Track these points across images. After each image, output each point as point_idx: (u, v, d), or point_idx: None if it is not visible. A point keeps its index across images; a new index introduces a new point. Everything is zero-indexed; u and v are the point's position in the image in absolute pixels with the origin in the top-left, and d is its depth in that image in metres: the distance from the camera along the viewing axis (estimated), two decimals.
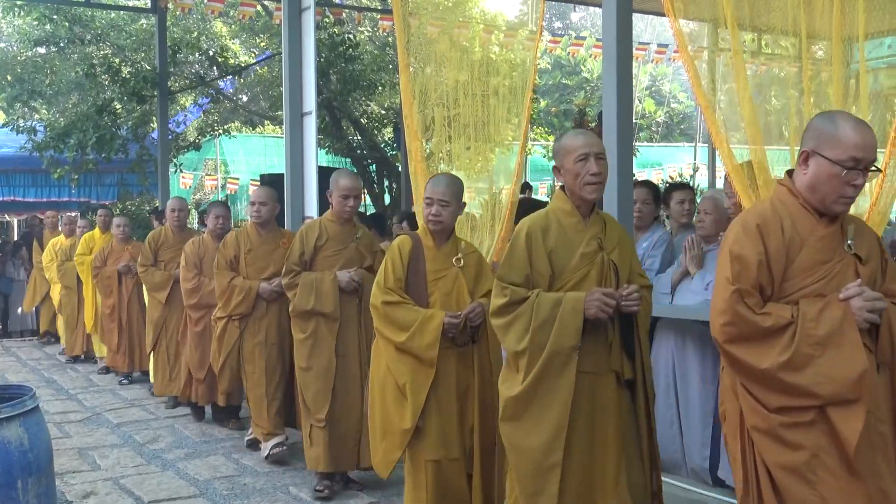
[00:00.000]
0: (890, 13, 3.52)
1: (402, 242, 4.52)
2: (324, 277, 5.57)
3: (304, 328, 5.61)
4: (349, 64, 12.73)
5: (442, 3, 6.66)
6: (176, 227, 8.28)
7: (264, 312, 6.42)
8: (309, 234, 5.69)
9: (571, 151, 3.59)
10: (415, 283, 4.44)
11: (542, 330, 3.46)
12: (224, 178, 19.50)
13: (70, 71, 16.59)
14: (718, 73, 4.35)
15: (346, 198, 5.63)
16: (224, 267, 6.51)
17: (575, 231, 3.62)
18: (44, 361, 11.36)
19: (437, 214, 4.43)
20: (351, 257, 5.69)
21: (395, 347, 4.37)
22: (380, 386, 4.46)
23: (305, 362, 5.60)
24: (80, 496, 5.56)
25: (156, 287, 8.13)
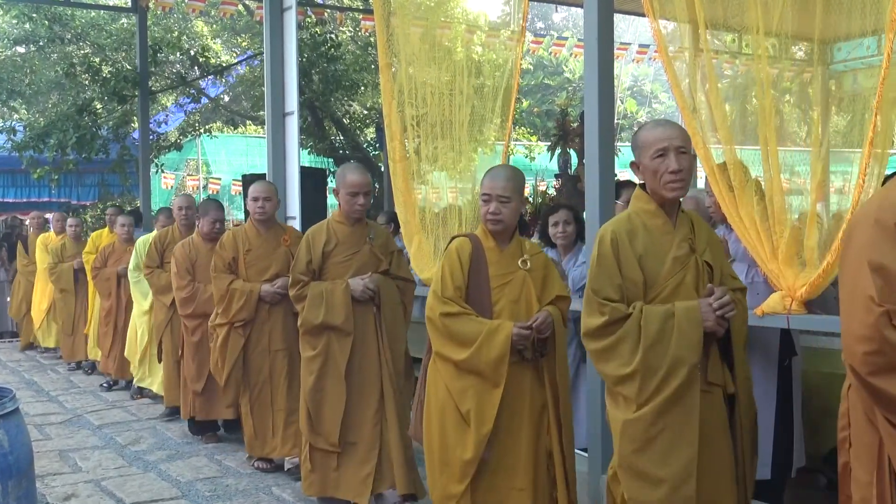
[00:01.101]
0: (868, 14, 3.55)
1: (461, 245, 3.96)
2: (335, 287, 4.99)
3: (314, 344, 5.04)
4: (331, 64, 12.73)
5: (424, 2, 6.65)
6: (184, 226, 7.69)
7: (267, 316, 5.95)
8: (316, 238, 5.12)
9: (648, 146, 3.26)
10: (477, 290, 3.90)
11: (656, 349, 3.08)
12: (206, 178, 19.44)
13: (50, 70, 16.52)
14: (698, 74, 4.37)
15: (355, 195, 5.06)
16: (222, 270, 6.00)
17: (663, 233, 3.28)
18: (24, 363, 11.27)
19: (496, 213, 3.89)
20: (365, 262, 5.10)
21: (456, 366, 3.82)
22: (438, 412, 3.89)
23: (314, 382, 5.02)
24: (60, 498, 5.53)
25: (162, 290, 7.57)
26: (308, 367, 5.06)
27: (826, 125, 4.53)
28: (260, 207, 6.01)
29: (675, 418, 3.08)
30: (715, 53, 4.22)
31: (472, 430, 3.74)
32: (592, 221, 4.88)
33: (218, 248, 6.12)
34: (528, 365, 3.84)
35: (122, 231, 9.29)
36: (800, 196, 4.04)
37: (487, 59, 6.36)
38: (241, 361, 5.95)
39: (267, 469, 6.02)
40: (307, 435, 5.11)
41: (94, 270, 9.31)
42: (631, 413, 3.12)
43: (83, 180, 15.69)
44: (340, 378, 4.99)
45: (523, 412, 3.82)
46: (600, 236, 3.30)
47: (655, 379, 3.07)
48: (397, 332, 5.12)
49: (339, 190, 5.09)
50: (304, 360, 5.11)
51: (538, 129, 22.19)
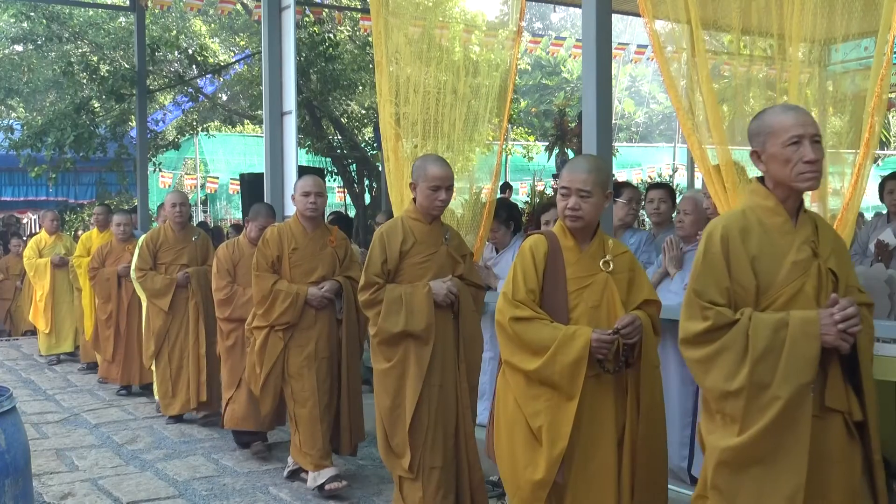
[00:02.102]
0: (866, 15, 3.56)
1: (536, 244, 3.58)
2: (415, 290, 4.51)
3: (391, 355, 4.56)
4: (329, 63, 12.72)
5: (422, 2, 6.65)
6: (177, 224, 7.40)
7: (313, 321, 5.53)
8: (391, 237, 4.61)
9: (780, 132, 2.87)
10: (552, 293, 3.51)
11: (765, 363, 2.75)
12: (203, 177, 19.44)
13: (48, 69, 16.53)
14: (694, 74, 4.37)
15: (437, 189, 4.55)
16: (265, 269, 5.56)
17: (782, 234, 2.92)
18: (21, 362, 11.26)
19: (575, 208, 3.51)
20: (443, 264, 4.64)
21: (527, 377, 3.45)
22: (507, 428, 3.54)
23: (391, 398, 4.54)
24: (57, 497, 5.52)
25: (156, 294, 7.26)
26: (383, 382, 4.58)
27: (823, 126, 4.53)
28: (312, 203, 5.58)
29: (780, 444, 2.73)
30: (713, 54, 4.22)
31: (544, 449, 3.38)
32: None
33: (261, 245, 5.65)
34: (611, 377, 3.44)
35: (119, 230, 8.94)
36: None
37: (486, 58, 6.36)
38: (280, 367, 5.54)
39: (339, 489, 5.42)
40: (384, 457, 4.65)
41: (92, 271, 8.96)
42: (732, 434, 2.79)
43: (81, 179, 15.69)
44: (421, 391, 4.50)
45: (604, 430, 3.43)
46: (709, 232, 2.95)
47: (763, 397, 2.73)
48: (476, 343, 4.73)
49: (418, 183, 4.58)
50: (378, 372, 4.61)
51: (536, 128, 22.21)
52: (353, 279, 5.48)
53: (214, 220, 19.47)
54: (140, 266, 7.35)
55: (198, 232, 7.66)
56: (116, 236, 8.98)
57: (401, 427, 4.51)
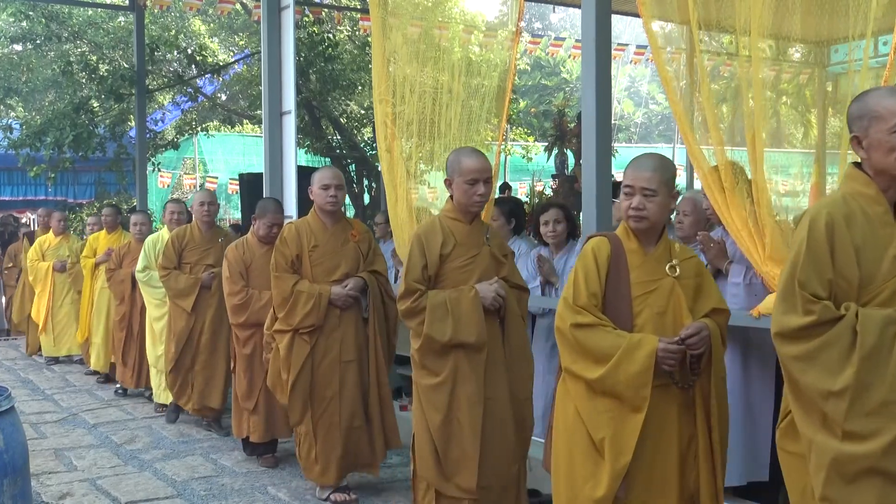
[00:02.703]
0: (866, 16, 3.56)
1: (598, 246, 3.38)
2: (461, 295, 4.18)
3: (439, 368, 4.20)
4: (328, 63, 12.73)
5: (421, 2, 6.65)
6: (205, 223, 7.12)
7: (337, 323, 5.21)
8: (430, 239, 4.28)
9: (886, 117, 2.66)
10: (615, 299, 3.33)
11: (873, 363, 2.54)
12: (203, 177, 19.44)
13: (47, 68, 16.54)
14: (694, 75, 4.38)
15: (475, 183, 4.22)
16: (284, 269, 5.23)
17: (882, 225, 2.70)
18: (20, 361, 11.26)
19: (639, 207, 3.32)
20: (486, 266, 4.31)
21: (589, 386, 3.27)
22: (566, 440, 3.35)
23: (444, 414, 4.17)
24: (56, 497, 5.52)
25: (180, 293, 6.96)
26: (432, 398, 4.22)
27: (823, 127, 4.55)
28: (332, 196, 5.25)
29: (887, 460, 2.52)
30: (712, 55, 4.23)
31: (607, 463, 3.18)
32: (589, 221, 4.89)
33: (279, 245, 5.31)
34: (677, 389, 3.28)
35: (136, 230, 8.63)
36: (795, 197, 4.05)
37: (485, 59, 6.36)
38: (308, 373, 5.20)
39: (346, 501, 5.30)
40: (433, 479, 4.24)
41: (109, 272, 8.73)
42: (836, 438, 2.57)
43: (80, 179, 15.69)
44: (475, 407, 4.16)
45: (669, 444, 3.25)
46: (812, 218, 2.69)
47: (870, 401, 2.54)
48: (523, 350, 4.41)
49: (453, 179, 4.26)
50: (426, 388, 4.25)
51: (535, 129, 22.22)
52: (380, 274, 5.30)
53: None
54: (164, 265, 7.06)
55: (224, 233, 7.43)
56: (135, 236, 8.64)
57: (456, 443, 4.18)
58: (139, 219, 8.71)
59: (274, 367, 5.32)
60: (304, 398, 5.20)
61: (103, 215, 9.80)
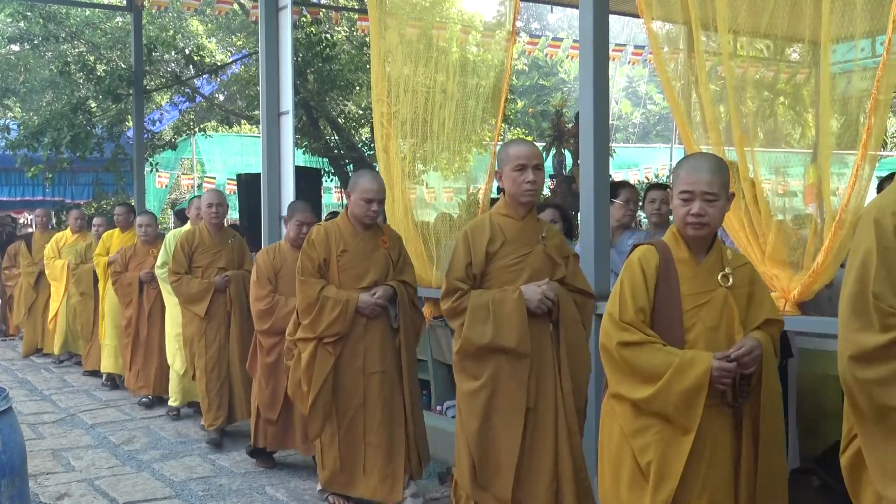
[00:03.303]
0: (864, 16, 3.57)
1: (646, 256, 3.15)
2: (504, 296, 3.92)
3: (478, 372, 3.95)
4: (326, 63, 12.73)
5: (419, 3, 6.66)
6: (214, 225, 6.87)
7: (362, 332, 4.92)
8: (476, 235, 4.02)
9: None
10: (665, 313, 3.09)
11: None
12: (200, 177, 19.44)
13: (44, 69, 16.55)
14: (692, 75, 4.38)
15: (523, 169, 3.95)
16: (311, 273, 4.95)
17: None
18: (17, 362, 11.25)
19: (699, 214, 3.06)
20: (539, 266, 4.02)
21: (635, 407, 3.06)
22: (611, 463, 3.15)
23: (481, 420, 3.94)
24: (54, 498, 5.52)
25: (192, 298, 6.71)
26: (470, 404, 3.99)
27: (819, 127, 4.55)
28: (373, 212, 4.98)
29: None
30: (711, 55, 4.23)
31: (652, 488, 3.00)
32: (587, 222, 4.90)
33: (306, 247, 5.04)
34: (728, 409, 3.06)
35: (142, 232, 8.36)
36: (793, 197, 4.06)
37: (482, 59, 6.36)
38: (330, 385, 4.92)
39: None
40: (469, 489, 4.04)
41: (115, 275, 8.45)
42: None
43: (77, 179, 15.66)
44: (514, 415, 3.91)
45: (721, 468, 3.04)
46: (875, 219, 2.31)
47: None
48: (581, 358, 4.07)
49: (502, 170, 4.02)
50: (464, 394, 4.03)
51: (533, 129, 22.24)
52: (409, 284, 5.05)
53: None
54: (175, 269, 6.80)
55: (233, 234, 7.12)
56: (140, 238, 8.43)
57: (492, 452, 3.95)
58: (144, 220, 8.47)
59: (295, 375, 5.08)
60: (326, 411, 4.93)
61: (115, 214, 9.55)
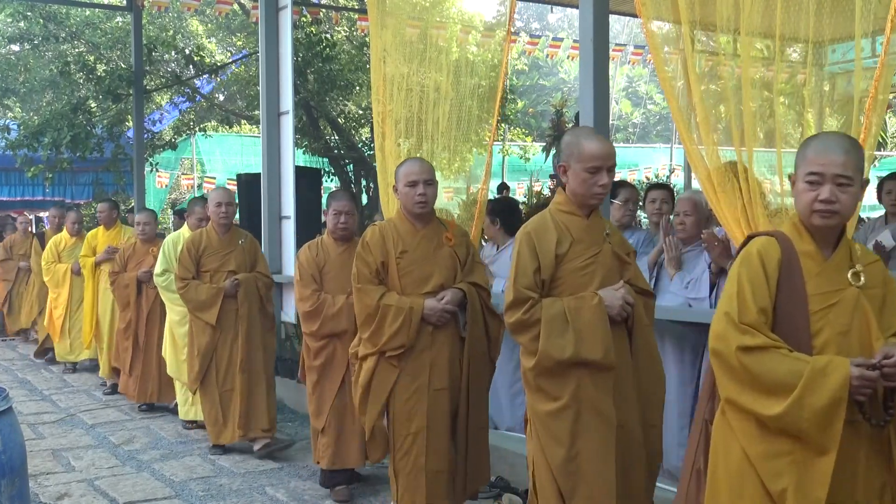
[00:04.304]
0: (863, 15, 3.57)
1: (766, 249, 2.76)
2: (581, 304, 3.50)
3: (558, 391, 3.48)
4: (326, 63, 12.73)
5: (419, 2, 6.66)
6: (222, 226, 6.42)
7: (429, 343, 4.35)
8: (542, 236, 3.58)
9: None
10: (789, 315, 2.71)
11: None
12: (200, 177, 19.44)
13: (44, 69, 16.56)
14: (690, 75, 4.39)
15: (596, 171, 3.55)
16: (369, 279, 4.41)
17: None
18: (17, 362, 11.24)
19: (830, 200, 2.69)
20: (609, 267, 3.63)
21: (760, 425, 2.67)
22: (731, 491, 2.76)
23: (567, 447, 3.46)
24: (54, 498, 5.52)
25: (202, 305, 6.26)
26: (551, 428, 3.50)
27: (819, 127, 4.56)
28: (420, 196, 4.41)
29: None
30: (710, 55, 4.23)
31: None
32: None
33: (361, 251, 4.49)
34: (868, 426, 2.66)
35: (139, 230, 8.03)
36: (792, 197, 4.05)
37: (483, 59, 6.36)
38: (393, 402, 4.40)
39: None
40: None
41: (112, 275, 8.16)
42: None
43: (77, 179, 15.67)
44: (605, 438, 3.46)
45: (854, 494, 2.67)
46: None
47: None
48: (654, 367, 3.72)
49: (570, 165, 3.58)
50: (544, 416, 3.53)
51: (533, 129, 22.26)
52: (480, 286, 4.50)
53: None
54: (182, 275, 6.36)
55: (244, 235, 6.65)
56: (138, 237, 8.09)
57: (584, 483, 3.46)
58: (143, 218, 8.16)
59: (355, 394, 4.63)
60: (390, 431, 4.45)
61: (98, 211, 9.30)
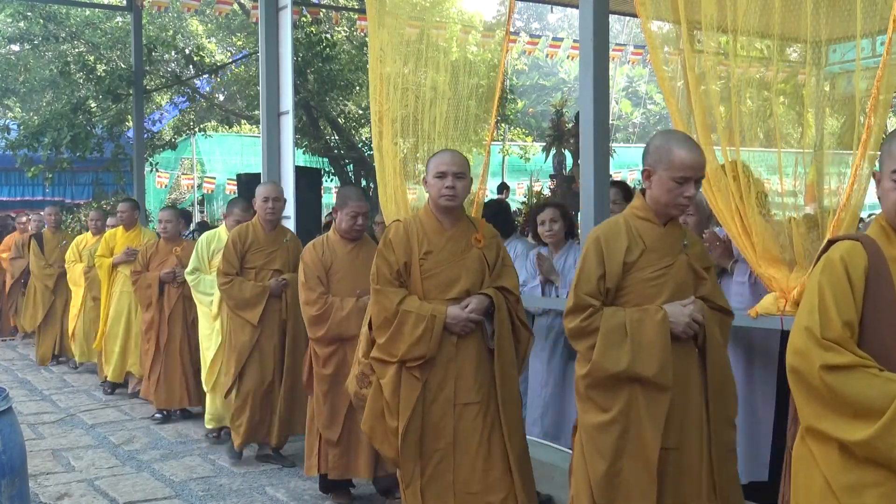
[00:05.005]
0: (864, 15, 3.57)
1: (850, 254, 2.46)
2: (644, 317, 3.26)
3: (608, 404, 3.28)
4: (326, 63, 12.75)
5: (419, 2, 6.66)
6: (269, 222, 6.09)
7: (453, 353, 3.99)
8: (611, 242, 3.34)
9: None
10: (878, 328, 2.42)
11: None
12: (200, 177, 19.45)
13: (44, 69, 16.57)
14: (688, 75, 4.39)
15: (684, 182, 3.24)
16: (390, 281, 4.04)
17: None
18: (17, 362, 11.24)
19: None
20: (683, 280, 3.35)
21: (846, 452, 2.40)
22: None
23: (609, 462, 3.26)
24: (54, 498, 5.52)
25: (245, 304, 5.94)
26: (597, 441, 3.30)
27: (820, 127, 4.56)
28: (448, 188, 3.99)
29: None
30: (710, 55, 4.24)
31: None
32: (587, 222, 4.89)
33: (383, 248, 4.11)
34: None
35: (162, 228, 7.76)
36: (792, 198, 4.05)
37: (483, 59, 6.37)
38: (419, 418, 3.99)
39: None
40: None
41: (134, 275, 7.82)
42: None
43: (77, 179, 15.69)
44: (651, 458, 3.22)
45: None
46: None
47: None
48: (728, 389, 3.42)
49: (656, 170, 3.29)
50: (590, 427, 3.33)
51: (533, 129, 22.27)
52: (509, 292, 4.11)
53: (211, 220, 19.51)
54: (226, 271, 6.01)
55: (288, 233, 6.37)
56: (161, 236, 7.80)
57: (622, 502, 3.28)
58: (165, 216, 7.85)
59: (375, 406, 4.10)
60: (416, 448, 4.01)
61: (119, 211, 8.92)
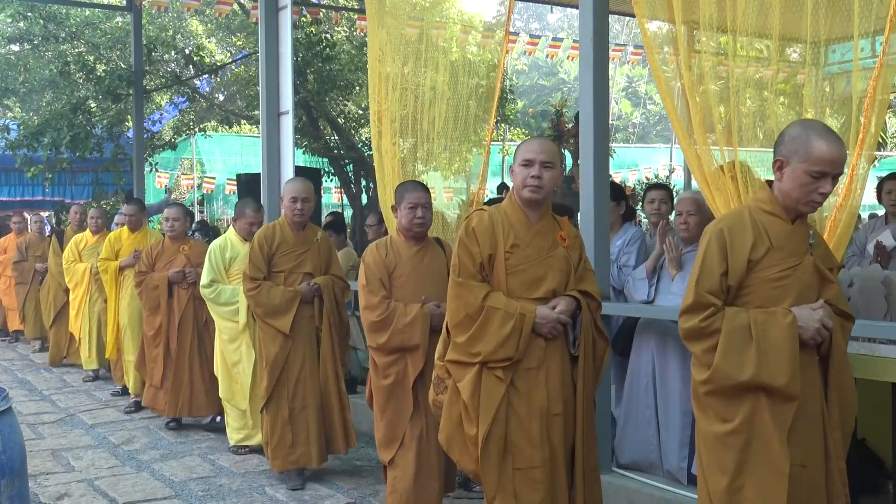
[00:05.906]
0: (863, 16, 3.57)
1: None
2: (770, 320, 3.00)
3: (730, 413, 3.02)
4: (326, 63, 12.73)
5: (419, 3, 6.66)
6: (297, 223, 5.70)
7: (542, 358, 3.65)
8: (736, 236, 3.08)
9: None
10: None
11: None
12: (200, 177, 19.44)
13: (44, 69, 16.54)
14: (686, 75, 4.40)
15: (821, 176, 2.97)
16: (472, 274, 3.69)
17: None
18: (17, 362, 11.25)
19: None
20: (808, 282, 3.10)
21: None
22: None
23: (731, 477, 3.01)
24: (53, 498, 5.52)
25: (275, 311, 5.52)
26: (718, 453, 3.05)
27: None
28: (534, 178, 3.67)
29: None
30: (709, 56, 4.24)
31: None
32: (587, 221, 4.90)
33: (465, 239, 3.74)
34: None
35: (169, 226, 7.34)
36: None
37: (483, 59, 6.37)
38: (503, 422, 3.59)
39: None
40: None
41: (139, 276, 7.41)
42: None
43: (77, 179, 15.65)
44: (775, 477, 2.95)
45: None
46: None
47: None
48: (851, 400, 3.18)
49: (789, 160, 2.99)
50: (710, 438, 3.08)
51: (533, 129, 22.25)
52: (592, 296, 3.79)
53: (211, 220, 19.52)
54: (253, 275, 5.60)
55: (319, 232, 5.93)
56: (168, 234, 7.42)
57: None
58: (172, 213, 7.43)
59: (450, 412, 3.72)
60: (501, 457, 3.61)
61: (126, 213, 8.50)
